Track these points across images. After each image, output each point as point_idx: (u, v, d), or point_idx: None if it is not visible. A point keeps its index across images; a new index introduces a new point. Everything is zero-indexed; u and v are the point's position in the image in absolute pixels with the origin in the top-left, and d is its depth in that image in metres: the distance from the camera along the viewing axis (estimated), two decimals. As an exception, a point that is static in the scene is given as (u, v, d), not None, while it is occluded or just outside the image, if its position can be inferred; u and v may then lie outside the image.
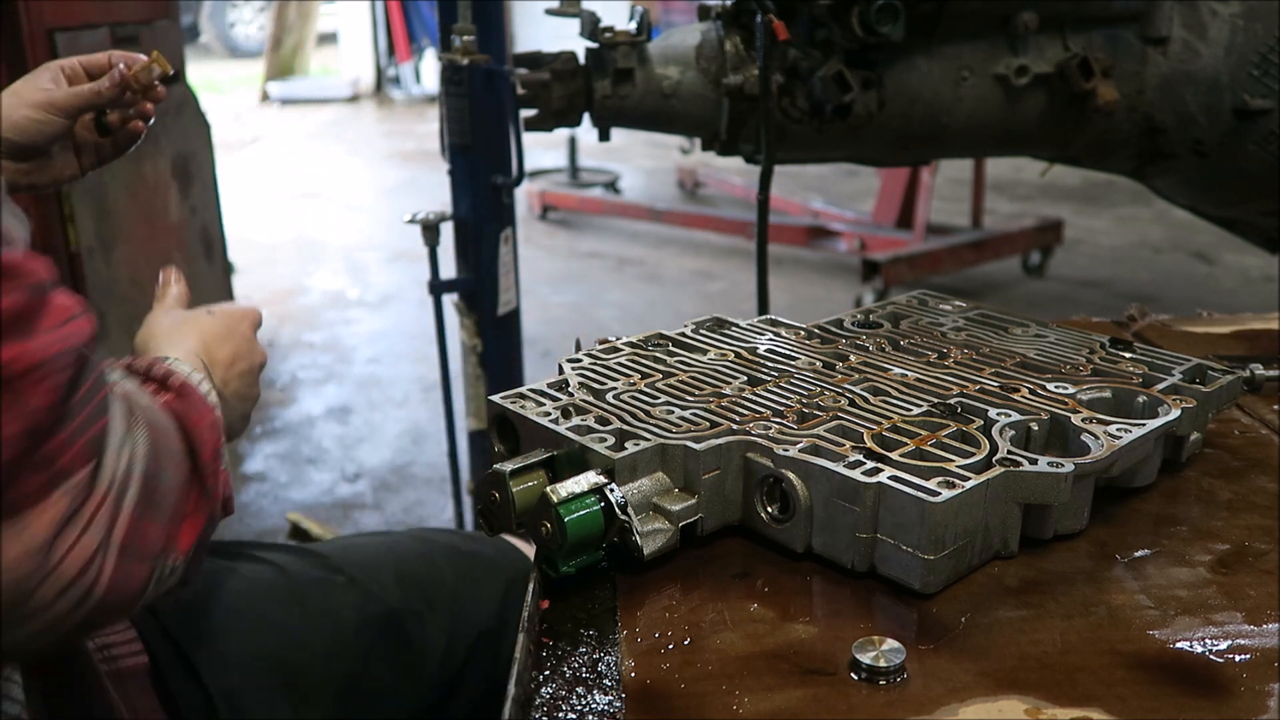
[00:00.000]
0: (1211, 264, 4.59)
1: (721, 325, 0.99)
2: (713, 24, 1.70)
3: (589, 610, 0.67)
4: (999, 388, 0.82)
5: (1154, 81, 1.76)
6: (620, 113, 1.68)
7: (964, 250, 4.20)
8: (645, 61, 1.66)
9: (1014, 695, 0.58)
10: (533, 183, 5.61)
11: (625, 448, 0.71)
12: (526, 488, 0.71)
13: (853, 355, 0.90)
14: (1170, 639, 0.63)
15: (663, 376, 0.85)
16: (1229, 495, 0.81)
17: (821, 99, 1.65)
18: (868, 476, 0.67)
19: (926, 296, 1.08)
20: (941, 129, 1.75)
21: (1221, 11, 1.73)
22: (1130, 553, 0.72)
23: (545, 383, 0.84)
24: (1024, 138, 1.82)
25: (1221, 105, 1.74)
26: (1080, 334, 0.96)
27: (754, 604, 0.67)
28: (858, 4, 1.58)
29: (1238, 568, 0.71)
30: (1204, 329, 1.20)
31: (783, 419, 0.76)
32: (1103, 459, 0.72)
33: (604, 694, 0.59)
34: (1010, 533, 0.71)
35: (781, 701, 0.58)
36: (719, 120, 1.70)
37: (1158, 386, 0.82)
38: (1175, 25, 1.74)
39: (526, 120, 1.68)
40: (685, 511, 0.71)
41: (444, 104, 1.86)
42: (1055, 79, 1.71)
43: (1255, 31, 1.72)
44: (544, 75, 1.63)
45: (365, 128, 8.72)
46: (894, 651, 0.60)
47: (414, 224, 1.88)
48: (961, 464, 0.69)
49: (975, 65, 1.72)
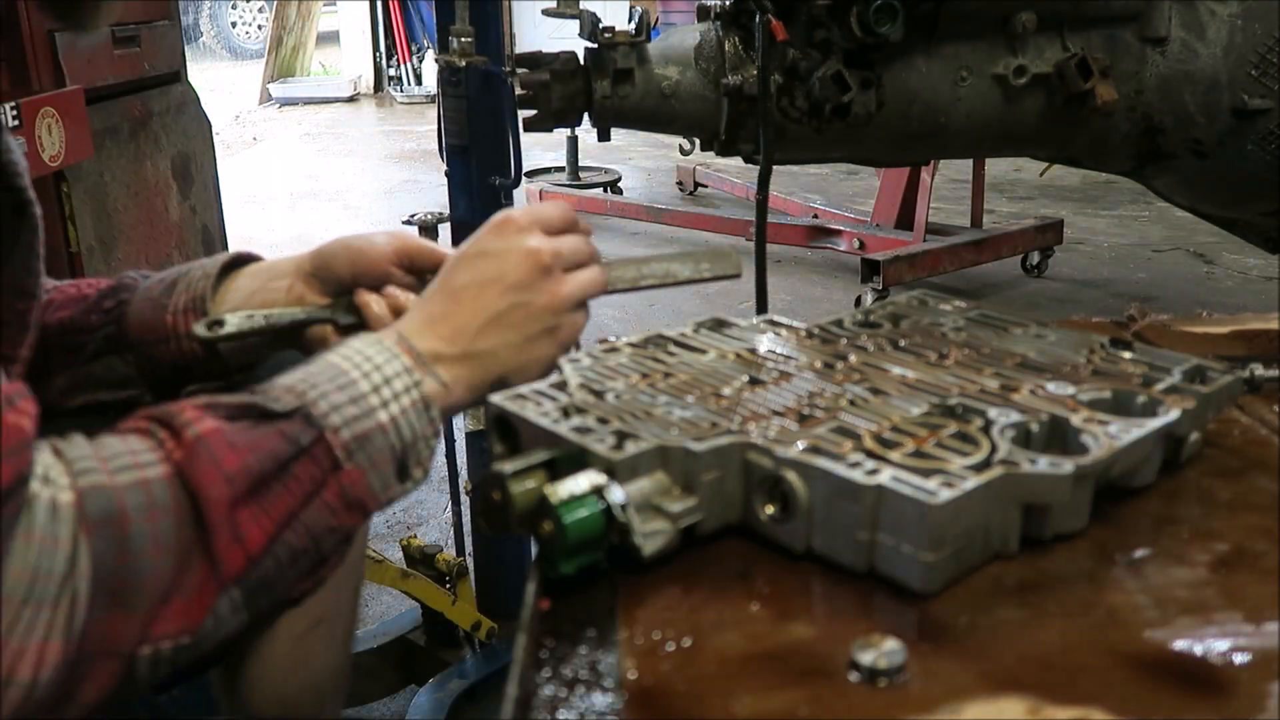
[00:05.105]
0: (1211, 264, 4.59)
1: (721, 325, 0.99)
2: (712, 24, 1.70)
3: (589, 610, 0.67)
4: (999, 388, 0.82)
5: (1153, 81, 1.76)
6: (620, 113, 1.68)
7: (964, 250, 4.19)
8: (645, 62, 1.66)
9: (1014, 695, 0.58)
10: (532, 183, 5.61)
11: (625, 448, 0.71)
12: (526, 488, 0.71)
13: (853, 355, 0.90)
14: (1170, 639, 0.63)
15: (663, 376, 0.85)
16: (1229, 495, 0.81)
17: (820, 99, 1.65)
18: (868, 476, 0.67)
19: (926, 296, 1.08)
20: (940, 129, 1.75)
21: (1220, 11, 1.73)
22: (1130, 553, 0.72)
23: (545, 383, 0.84)
24: (1023, 138, 1.82)
25: (1220, 105, 1.74)
26: (1080, 334, 0.96)
27: (754, 604, 0.67)
28: (856, 4, 1.58)
29: (1238, 568, 0.71)
30: (1204, 329, 1.20)
31: (783, 419, 0.76)
32: (1103, 459, 0.72)
33: (604, 694, 0.59)
34: (1010, 533, 0.71)
35: (781, 702, 0.58)
36: (718, 120, 1.70)
37: (1158, 386, 0.82)
38: (1174, 25, 1.74)
39: (526, 121, 1.68)
40: (685, 512, 0.71)
41: (442, 105, 1.86)
42: (1054, 79, 1.71)
43: (1254, 31, 1.72)
44: (543, 76, 1.63)
45: (365, 128, 8.72)
46: (894, 652, 0.60)
47: (412, 225, 1.88)
48: (961, 464, 0.69)
49: (974, 65, 1.72)
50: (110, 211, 2.37)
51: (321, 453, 0.69)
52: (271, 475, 0.67)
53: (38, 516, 0.58)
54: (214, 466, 0.65)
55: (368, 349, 0.75)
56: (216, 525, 0.64)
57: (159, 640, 0.62)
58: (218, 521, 0.64)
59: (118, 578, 0.59)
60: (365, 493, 0.71)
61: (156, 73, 2.51)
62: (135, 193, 2.50)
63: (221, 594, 0.64)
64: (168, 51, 2.59)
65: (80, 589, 0.58)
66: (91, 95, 2.13)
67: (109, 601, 0.59)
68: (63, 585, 0.57)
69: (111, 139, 2.31)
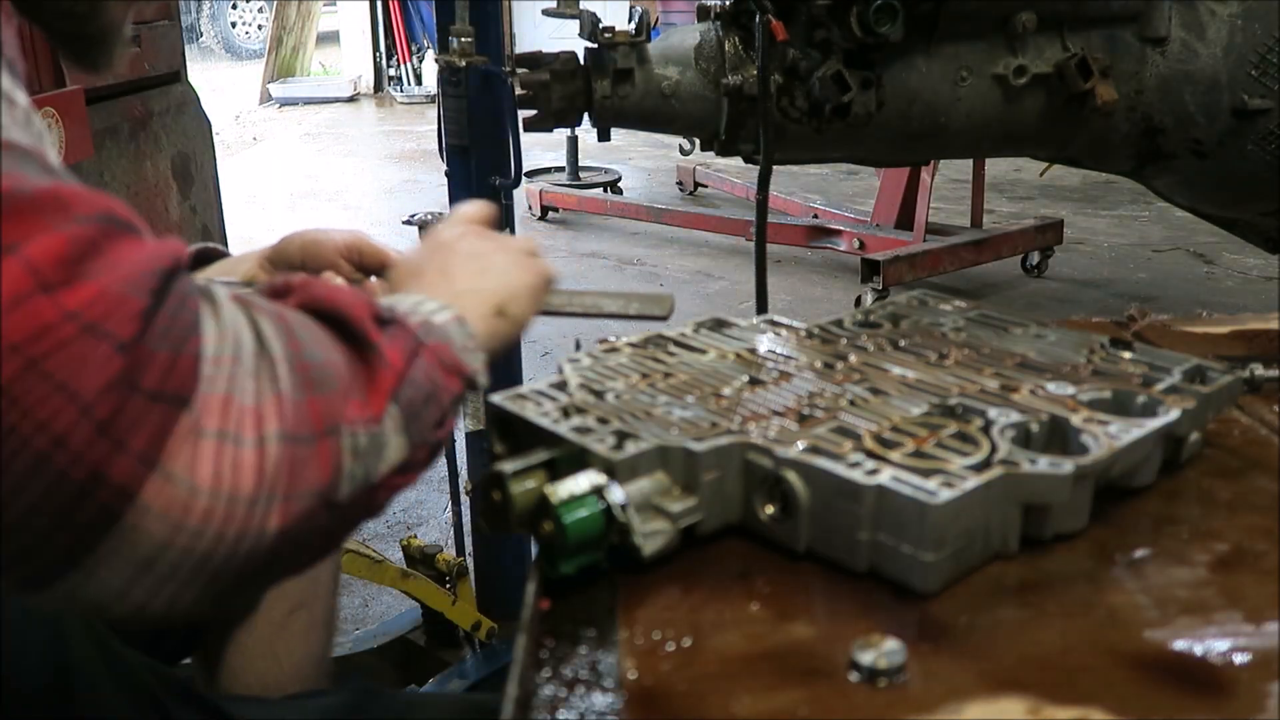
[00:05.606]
0: (1211, 264, 4.59)
1: (721, 325, 0.99)
2: (712, 24, 1.70)
3: (589, 610, 0.67)
4: (999, 388, 0.82)
5: (1152, 82, 1.76)
6: (620, 113, 1.68)
7: (964, 250, 4.19)
8: (645, 62, 1.66)
9: (1014, 695, 0.58)
10: (532, 183, 5.61)
11: (625, 448, 0.71)
12: (526, 488, 0.71)
13: (853, 355, 0.90)
14: (1170, 639, 0.63)
15: (663, 376, 0.85)
16: (1229, 495, 0.81)
17: (820, 99, 1.65)
18: (868, 476, 0.67)
19: (926, 296, 1.08)
20: (940, 129, 1.75)
21: (1220, 11, 1.74)
22: (1130, 553, 0.72)
23: (545, 383, 0.84)
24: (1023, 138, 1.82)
25: (1220, 105, 1.74)
26: (1080, 334, 0.96)
27: (754, 604, 0.67)
28: (856, 4, 1.58)
29: (1238, 568, 0.71)
30: (1204, 329, 1.20)
31: (783, 419, 0.76)
32: (1103, 459, 0.72)
33: (604, 694, 0.59)
34: (1010, 533, 0.71)
35: (781, 702, 0.58)
36: (718, 120, 1.70)
37: (1158, 387, 0.82)
38: (1174, 25, 1.75)
39: (526, 121, 1.68)
40: (685, 512, 0.71)
41: (442, 105, 1.86)
42: (1054, 79, 1.72)
43: (1254, 31, 1.72)
44: (543, 75, 1.63)
45: (365, 128, 8.72)
46: (894, 652, 0.60)
47: (412, 225, 1.88)
48: (961, 464, 0.69)
49: (974, 65, 1.72)
50: (110, 211, 2.37)
51: (402, 331, 0.69)
52: (383, 320, 0.67)
53: (217, 299, 0.58)
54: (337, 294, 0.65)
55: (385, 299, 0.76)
56: (362, 327, 0.64)
57: (354, 423, 0.61)
58: (363, 326, 0.64)
59: (299, 361, 0.59)
60: (453, 359, 0.72)
61: (156, 73, 2.51)
62: (135, 193, 2.50)
63: (388, 402, 0.64)
64: (168, 51, 2.59)
65: (275, 353, 0.58)
66: (91, 95, 2.13)
67: (301, 382, 0.58)
68: (259, 351, 0.58)
69: (111, 139, 2.31)
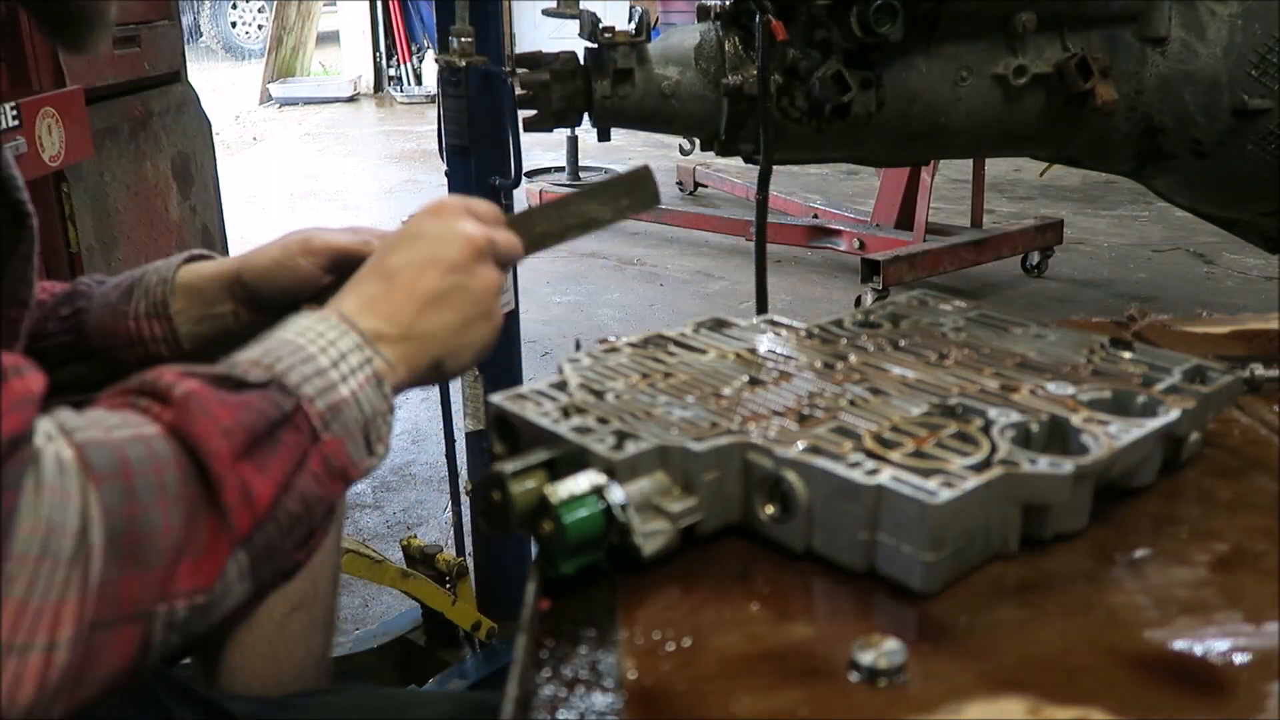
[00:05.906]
0: (1211, 264, 4.59)
1: (721, 325, 0.99)
2: (712, 24, 1.70)
3: (589, 610, 0.67)
4: (999, 388, 0.82)
5: (1153, 82, 1.76)
6: (620, 113, 1.68)
7: (964, 250, 4.20)
8: (645, 62, 1.66)
9: (1014, 695, 0.58)
10: (532, 183, 5.61)
11: (625, 448, 0.71)
12: (526, 488, 0.71)
13: (853, 355, 0.90)
14: (1170, 639, 0.63)
15: (663, 376, 0.85)
16: (1229, 495, 0.81)
17: (820, 99, 1.65)
18: (868, 476, 0.67)
19: (926, 296, 1.08)
20: (940, 129, 1.75)
21: (1220, 12, 1.74)
22: (1130, 553, 0.72)
23: (545, 383, 0.84)
24: (1023, 138, 1.82)
25: (1220, 105, 1.74)
26: (1080, 334, 0.96)
27: (754, 604, 0.67)
28: (856, 4, 1.58)
29: (1238, 568, 0.71)
30: (1204, 329, 1.20)
31: (783, 419, 0.76)
32: (1103, 459, 0.72)
33: (604, 694, 0.59)
34: (1010, 533, 0.71)
35: (781, 702, 0.58)
36: (718, 120, 1.70)
37: (1158, 387, 0.82)
38: (1174, 25, 1.75)
39: (526, 121, 1.68)
40: (685, 512, 0.71)
41: (442, 105, 1.86)
42: (1054, 79, 1.72)
43: (1254, 31, 1.72)
44: (543, 75, 1.63)
45: (365, 128, 8.72)
46: (894, 652, 0.60)
47: (413, 224, 1.87)
48: (961, 464, 0.69)
49: (974, 65, 1.72)
50: (110, 212, 2.37)
51: (302, 421, 0.68)
52: (264, 436, 0.66)
53: (46, 469, 0.56)
54: (210, 420, 0.63)
55: (317, 325, 0.74)
56: (221, 478, 0.62)
57: (175, 599, 0.60)
58: (222, 474, 0.62)
59: (129, 532, 0.57)
60: (346, 461, 0.71)
61: (156, 73, 2.51)
62: (135, 193, 2.50)
63: (231, 555, 0.63)
64: (168, 51, 2.58)
65: (95, 541, 0.56)
66: (91, 95, 2.13)
67: (123, 558, 0.57)
68: (78, 539, 0.56)
69: (111, 139, 2.31)
